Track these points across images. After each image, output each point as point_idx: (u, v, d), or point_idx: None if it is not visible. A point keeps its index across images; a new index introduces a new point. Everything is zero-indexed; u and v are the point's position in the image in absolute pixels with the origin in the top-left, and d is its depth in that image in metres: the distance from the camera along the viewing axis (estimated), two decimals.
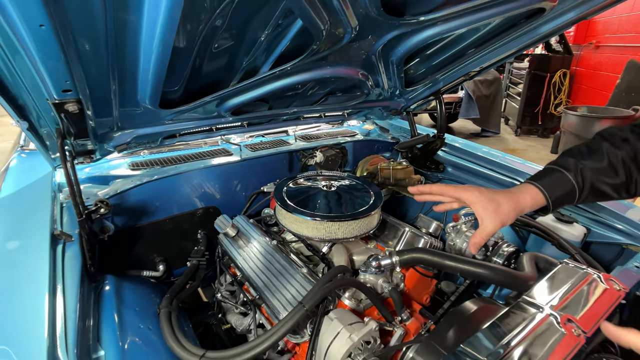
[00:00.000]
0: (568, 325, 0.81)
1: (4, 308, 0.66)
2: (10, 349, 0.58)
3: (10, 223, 0.91)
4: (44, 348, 0.59)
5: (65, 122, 0.77)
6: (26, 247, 0.82)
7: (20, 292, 0.70)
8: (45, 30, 0.46)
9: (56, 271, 0.79)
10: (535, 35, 1.16)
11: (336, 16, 0.75)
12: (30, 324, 0.64)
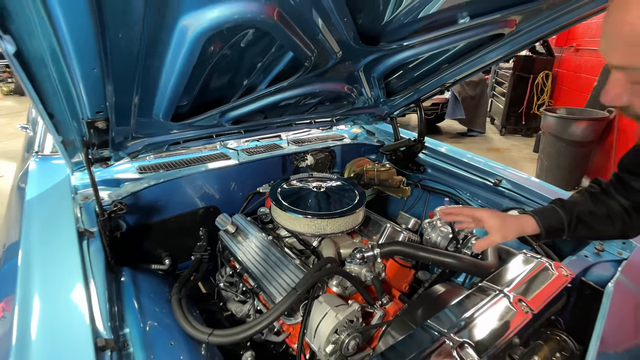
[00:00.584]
0: (519, 305, 0.96)
1: (51, 294, 0.79)
2: (61, 326, 0.72)
3: (42, 221, 1.04)
4: (88, 324, 0.73)
5: (92, 135, 0.90)
6: (59, 242, 0.95)
7: (61, 280, 0.83)
8: (96, 72, 0.60)
9: (85, 263, 0.92)
10: (500, 53, 1.33)
11: (321, 46, 0.89)
12: (73, 306, 0.78)
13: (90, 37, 0.52)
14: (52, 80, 0.62)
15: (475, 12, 0.98)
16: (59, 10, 0.46)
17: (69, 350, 0.69)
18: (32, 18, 0.47)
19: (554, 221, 0.93)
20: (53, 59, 0.56)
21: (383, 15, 0.89)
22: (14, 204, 1.33)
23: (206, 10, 0.61)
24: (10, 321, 0.75)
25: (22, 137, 5.64)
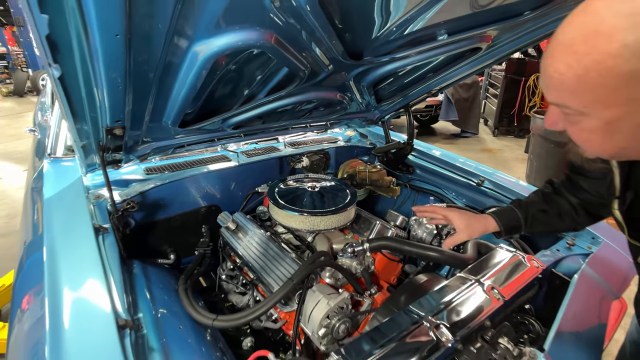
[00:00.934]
0: (492, 292, 1.08)
1: (75, 281, 0.90)
2: (86, 309, 0.83)
3: (61, 217, 1.14)
4: (110, 307, 0.84)
5: (109, 140, 1.01)
6: (78, 237, 1.05)
7: (83, 270, 0.94)
8: (120, 89, 0.70)
9: (102, 255, 1.03)
10: (480, 63, 1.44)
11: (314, 62, 1.00)
12: (95, 291, 0.88)
13: (120, 63, 0.63)
14: (82, 95, 0.72)
15: (453, 30, 1.10)
16: (99, 44, 0.56)
17: (95, 328, 0.80)
18: (74, 50, 0.58)
19: (513, 220, 1.05)
20: (85, 80, 0.67)
21: (370, 34, 1.01)
22: (31, 203, 1.43)
23: (215, 38, 0.72)
24: (40, 308, 0.85)
25: (23, 139, 5.71)
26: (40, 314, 0.83)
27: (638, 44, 0.44)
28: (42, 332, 0.78)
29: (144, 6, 0.54)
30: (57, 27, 0.50)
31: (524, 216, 1.04)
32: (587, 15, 0.47)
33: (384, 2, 0.81)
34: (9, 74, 10.82)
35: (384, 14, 0.87)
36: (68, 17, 0.50)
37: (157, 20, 0.60)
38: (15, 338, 0.89)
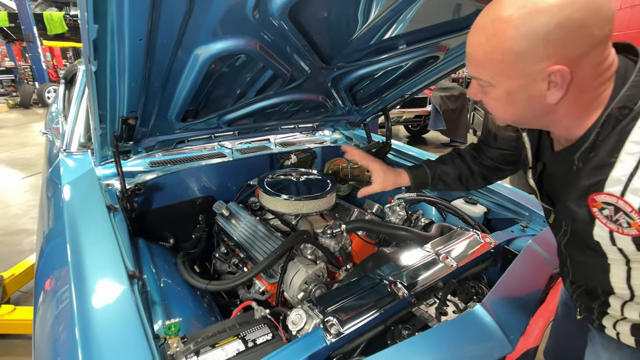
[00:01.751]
0: (446, 260, 1.27)
1: (94, 245, 1.08)
2: (103, 263, 1.02)
3: (78, 198, 1.33)
4: (122, 262, 1.02)
5: (123, 130, 1.21)
6: (94, 213, 1.24)
7: (100, 237, 1.12)
8: (138, 83, 0.90)
9: (114, 227, 1.21)
10: (443, 70, 1.66)
11: (294, 66, 1.22)
12: (110, 252, 1.06)
13: (140, 62, 0.83)
14: (107, 87, 0.92)
15: (410, 41, 1.32)
16: (127, 46, 0.77)
17: (111, 277, 0.98)
18: (107, 51, 0.78)
19: (422, 177, 1.19)
20: (111, 74, 0.87)
21: (338, 43, 1.22)
22: (48, 195, 1.62)
23: (212, 44, 0.93)
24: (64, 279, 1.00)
25: (28, 147, 5.90)
26: (64, 281, 0.99)
27: (526, 30, 0.58)
28: (69, 291, 0.94)
29: (161, 18, 0.75)
30: (100, 33, 0.71)
31: (432, 175, 1.18)
32: (497, 6, 0.62)
33: (343, 18, 1.03)
34: (16, 87, 11.14)
35: (345, 28, 1.09)
36: (108, 26, 0.71)
37: (170, 28, 0.80)
38: (43, 315, 0.99)
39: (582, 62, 0.59)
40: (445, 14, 1.19)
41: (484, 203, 1.79)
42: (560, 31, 0.56)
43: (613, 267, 0.77)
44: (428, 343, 0.93)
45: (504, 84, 0.65)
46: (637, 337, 0.81)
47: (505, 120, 0.74)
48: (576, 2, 0.55)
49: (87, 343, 0.79)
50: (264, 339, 0.96)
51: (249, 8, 0.84)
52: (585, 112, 0.65)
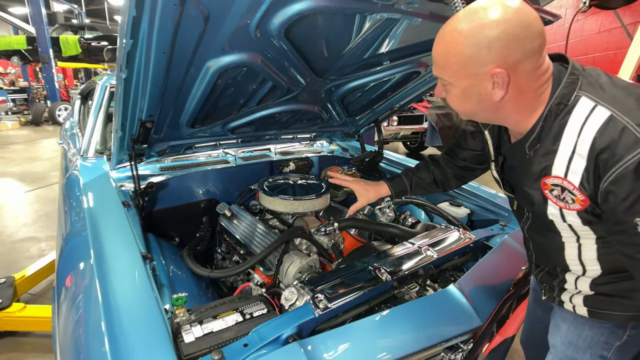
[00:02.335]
0: (427, 251, 1.39)
1: (113, 234, 1.22)
2: (121, 247, 1.16)
3: (97, 195, 1.49)
4: (136, 246, 1.16)
5: (140, 133, 1.38)
6: (111, 209, 1.38)
7: (117, 227, 1.26)
8: (158, 90, 1.07)
9: (128, 219, 1.36)
10: (426, 85, 1.84)
11: (291, 78, 1.40)
12: (126, 239, 1.20)
13: (162, 71, 1.00)
14: (131, 93, 1.09)
15: (393, 58, 1.50)
16: (152, 57, 0.94)
17: (129, 258, 1.12)
18: (136, 60, 0.95)
19: (401, 186, 1.32)
20: (136, 81, 1.04)
21: (329, 59, 1.40)
22: (67, 194, 1.77)
23: (221, 57, 1.10)
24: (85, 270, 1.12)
25: (37, 162, 6.10)
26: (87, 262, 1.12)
27: (473, 40, 0.72)
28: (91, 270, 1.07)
29: (181, 35, 0.92)
30: (132, 46, 0.88)
31: (409, 183, 1.32)
32: (454, 20, 0.77)
33: (332, 37, 1.21)
34: (28, 106, 11.53)
35: (334, 46, 1.27)
36: (139, 40, 0.88)
37: (187, 43, 0.97)
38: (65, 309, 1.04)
39: (518, 68, 0.73)
40: (423, 34, 1.37)
41: (467, 205, 1.93)
42: (499, 42, 0.71)
43: (567, 246, 0.91)
44: (404, 313, 1.05)
45: (459, 83, 0.79)
46: (589, 307, 0.93)
47: (463, 114, 0.88)
48: (511, 20, 0.71)
49: (108, 312, 0.91)
50: (259, 312, 1.09)
51: (252, 28, 1.02)
52: (529, 109, 0.79)
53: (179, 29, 0.90)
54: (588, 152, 0.71)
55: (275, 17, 1.00)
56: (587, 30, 4.46)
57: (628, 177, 0.66)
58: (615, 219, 0.72)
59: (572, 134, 0.73)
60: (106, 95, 2.30)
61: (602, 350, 0.93)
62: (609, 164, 0.68)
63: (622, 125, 0.68)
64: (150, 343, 0.85)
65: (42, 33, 9.86)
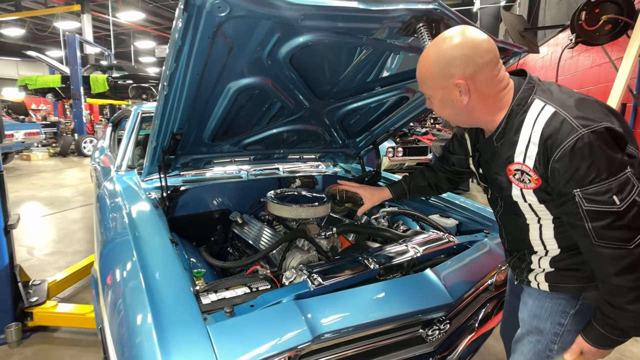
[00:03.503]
0: (412, 249, 1.58)
1: (147, 224, 1.47)
2: (153, 236, 1.40)
3: (132, 198, 1.75)
4: (165, 233, 1.40)
5: (170, 144, 1.66)
6: (143, 207, 1.64)
7: (150, 220, 1.51)
8: (189, 106, 1.36)
9: (157, 216, 1.61)
10: (416, 109, 2.10)
11: (296, 100, 1.68)
12: (157, 229, 1.45)
13: (194, 90, 1.29)
14: (168, 108, 1.38)
15: (383, 84, 1.78)
16: (188, 77, 1.23)
17: (160, 239, 1.35)
18: (175, 80, 1.25)
19: (400, 190, 1.53)
20: (173, 97, 1.33)
21: (328, 84, 1.69)
22: (105, 200, 2.04)
23: (240, 80, 1.40)
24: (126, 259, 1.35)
25: (64, 187, 6.49)
26: (127, 245, 1.35)
27: (439, 61, 0.96)
28: (130, 252, 1.30)
29: (211, 60, 1.21)
30: (174, 69, 1.17)
31: (407, 187, 1.52)
32: (428, 48, 1.01)
33: (331, 65, 1.50)
34: (56, 138, 12.31)
35: (332, 72, 1.56)
36: (180, 64, 1.17)
37: (215, 67, 1.27)
38: (112, 298, 1.15)
39: (476, 78, 0.95)
40: (406, 64, 1.66)
41: (456, 217, 2.12)
42: (456, 61, 0.94)
43: (531, 227, 1.09)
44: (385, 288, 1.25)
45: (436, 94, 1.00)
46: (549, 283, 1.09)
47: (448, 118, 1.10)
48: (464, 43, 0.94)
49: (146, 278, 1.11)
50: (264, 287, 1.29)
51: (264, 56, 1.31)
52: (494, 110, 1.00)
53: (210, 57, 1.19)
54: (539, 140, 0.91)
55: (282, 48, 1.29)
56: (580, 65, 4.76)
57: (566, 156, 0.86)
58: (559, 192, 0.91)
59: (528, 127, 0.94)
60: (138, 120, 2.64)
61: (560, 318, 1.09)
62: (554, 147, 0.88)
63: (562, 117, 0.89)
64: (180, 300, 1.05)
65: (75, 73, 10.74)
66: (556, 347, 1.08)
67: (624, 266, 0.87)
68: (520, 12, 8.69)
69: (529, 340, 1.14)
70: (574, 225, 0.93)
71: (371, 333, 1.15)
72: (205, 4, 0.94)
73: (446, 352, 1.38)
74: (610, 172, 0.84)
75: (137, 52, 22.40)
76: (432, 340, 1.27)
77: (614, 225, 0.85)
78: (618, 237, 0.86)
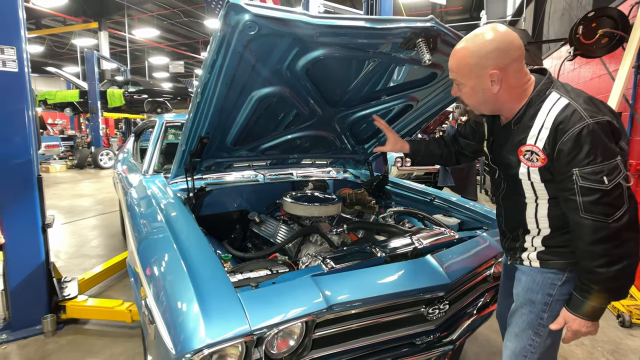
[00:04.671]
0: (416, 241, 1.73)
1: (180, 218, 1.66)
2: (184, 224, 1.58)
3: (164, 196, 1.94)
4: (194, 221, 1.59)
5: (197, 148, 1.86)
6: (176, 204, 1.84)
7: (181, 214, 1.70)
8: (217, 113, 1.57)
9: (190, 214, 1.79)
10: (420, 116, 2.28)
11: (310, 108, 1.87)
12: (188, 221, 1.64)
13: (222, 98, 1.49)
14: (198, 113, 1.58)
15: (390, 94, 1.96)
16: (218, 87, 1.43)
17: (192, 227, 1.53)
18: (207, 89, 1.45)
19: (417, 148, 1.70)
20: (204, 104, 1.53)
21: (339, 93, 1.88)
22: (136, 201, 2.24)
23: (262, 89, 1.60)
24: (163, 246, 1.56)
25: (83, 197, 6.74)
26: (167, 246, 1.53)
27: (476, 53, 1.12)
28: (168, 237, 1.50)
29: (238, 72, 1.41)
30: (208, 79, 1.37)
31: (424, 150, 1.69)
32: (462, 43, 1.17)
33: (341, 76, 1.69)
34: (73, 152, 12.74)
35: (342, 82, 1.75)
36: (213, 75, 1.37)
37: (241, 78, 1.46)
38: (157, 277, 1.30)
39: (507, 69, 1.12)
40: (410, 75, 1.84)
41: (458, 217, 2.27)
42: (492, 54, 1.10)
43: (528, 206, 1.24)
44: (390, 270, 1.40)
45: (469, 83, 1.16)
46: (540, 260, 1.24)
47: (473, 106, 1.25)
48: (498, 39, 1.11)
49: (184, 257, 1.30)
50: (283, 270, 1.46)
51: (284, 68, 1.51)
52: (517, 99, 1.15)
53: (238, 69, 1.39)
54: (551, 125, 1.06)
55: (299, 61, 1.49)
56: (582, 77, 4.91)
57: (572, 140, 1.01)
58: (560, 171, 1.06)
59: (543, 115, 1.09)
60: (162, 128, 2.86)
61: (549, 289, 1.23)
62: (563, 131, 1.03)
63: (574, 108, 1.06)
64: (215, 275, 1.22)
65: (93, 87, 11.21)
66: (546, 316, 1.22)
67: (600, 237, 1.02)
68: (526, 26, 8.90)
69: (522, 312, 1.28)
70: (567, 200, 1.07)
71: (378, 308, 1.30)
72: (239, 25, 1.14)
73: (445, 332, 1.51)
74: (604, 157, 1.00)
75: (151, 68, 23.15)
76: (433, 318, 1.42)
77: (599, 201, 1.01)
78: (601, 211, 1.01)
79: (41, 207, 2.44)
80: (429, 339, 1.44)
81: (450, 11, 16.13)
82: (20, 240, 2.35)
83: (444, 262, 1.49)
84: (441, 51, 1.53)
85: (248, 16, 1.11)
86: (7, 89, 2.23)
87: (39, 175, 2.43)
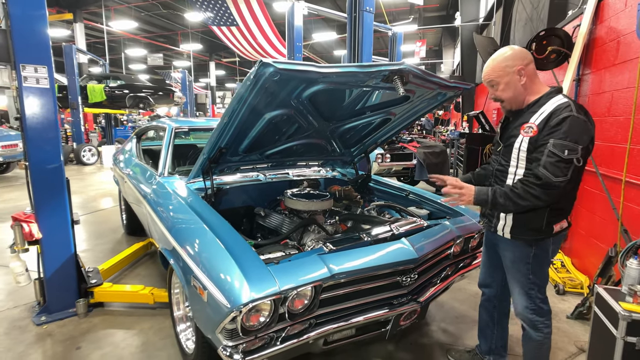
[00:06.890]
0: (394, 228, 2.22)
1: (205, 210, 2.08)
2: (207, 214, 2.01)
3: (187, 195, 2.35)
4: (214, 214, 2.01)
5: (215, 156, 2.27)
6: (200, 202, 2.25)
7: (205, 207, 2.12)
8: (236, 130, 1.98)
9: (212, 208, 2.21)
10: (398, 125, 2.76)
11: (309, 122, 2.31)
12: (210, 211, 2.06)
13: (243, 120, 1.91)
14: (223, 131, 1.99)
15: (373, 110, 2.43)
16: (243, 111, 1.85)
17: (220, 220, 1.96)
18: (235, 112, 1.87)
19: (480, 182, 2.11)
20: (229, 125, 1.95)
21: (333, 111, 2.33)
22: (159, 201, 2.62)
23: (274, 111, 2.04)
24: (196, 219, 1.99)
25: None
26: (202, 230, 1.98)
27: (508, 60, 1.63)
28: (207, 232, 1.93)
29: (259, 101, 1.83)
30: (237, 107, 1.79)
31: (482, 179, 2.03)
32: (499, 54, 1.67)
33: (334, 100, 2.14)
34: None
35: (335, 104, 2.20)
36: (240, 104, 1.80)
37: (260, 105, 1.88)
38: (202, 260, 1.92)
39: (527, 67, 1.63)
40: (387, 97, 2.31)
41: (427, 208, 2.78)
42: (516, 56, 1.63)
43: (509, 173, 1.73)
44: (374, 249, 1.88)
45: (503, 80, 1.65)
46: (512, 234, 1.75)
47: (507, 99, 1.71)
48: (517, 51, 1.66)
49: (222, 240, 1.73)
50: (294, 252, 1.91)
51: (293, 97, 1.95)
52: (533, 93, 1.65)
53: (259, 100, 1.82)
54: (549, 112, 1.54)
55: (304, 92, 1.93)
56: None
57: (558, 121, 1.50)
58: (542, 139, 1.53)
59: (547, 106, 1.58)
60: (172, 134, 3.23)
61: (527, 259, 1.76)
62: (554, 115, 1.52)
63: (568, 104, 1.53)
64: (247, 253, 1.67)
65: (73, 82, 11.07)
66: (531, 275, 1.77)
67: (539, 183, 1.51)
68: (496, 30, 9.54)
69: (515, 277, 1.82)
70: (536, 159, 1.55)
71: (366, 276, 1.78)
72: (266, 74, 1.57)
73: (416, 295, 2.01)
74: (572, 139, 1.48)
75: (127, 60, 22.75)
76: (406, 285, 1.91)
77: (554, 164, 1.48)
78: (551, 170, 1.49)
79: (70, 205, 2.79)
80: (402, 300, 1.94)
81: (428, 8, 16.74)
82: (54, 235, 2.69)
83: (415, 244, 1.98)
84: (412, 82, 2.00)
85: (273, 69, 1.54)
86: (41, 104, 2.56)
87: (67, 178, 2.77)
